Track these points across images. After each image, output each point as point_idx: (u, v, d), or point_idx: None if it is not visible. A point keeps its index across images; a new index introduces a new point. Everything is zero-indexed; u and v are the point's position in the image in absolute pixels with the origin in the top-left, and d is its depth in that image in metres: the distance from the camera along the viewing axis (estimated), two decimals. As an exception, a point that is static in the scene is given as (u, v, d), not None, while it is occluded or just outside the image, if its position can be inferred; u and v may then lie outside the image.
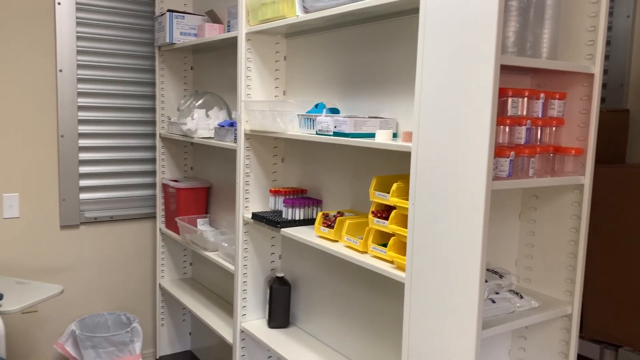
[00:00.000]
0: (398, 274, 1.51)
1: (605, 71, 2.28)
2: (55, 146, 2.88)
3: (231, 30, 2.47)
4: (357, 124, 1.65)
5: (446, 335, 1.37)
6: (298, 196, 2.17)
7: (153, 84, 3.12)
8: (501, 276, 1.55)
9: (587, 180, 1.52)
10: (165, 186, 3.00)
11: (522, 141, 1.43)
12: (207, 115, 2.61)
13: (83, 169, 2.98)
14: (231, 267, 2.33)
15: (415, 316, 1.46)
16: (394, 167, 1.78)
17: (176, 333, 3.22)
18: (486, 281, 1.51)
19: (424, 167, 1.40)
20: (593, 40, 1.49)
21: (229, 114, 2.67)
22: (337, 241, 1.82)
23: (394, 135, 1.74)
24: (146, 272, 3.21)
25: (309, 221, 2.06)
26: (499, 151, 1.37)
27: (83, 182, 2.98)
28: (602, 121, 1.98)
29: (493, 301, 1.47)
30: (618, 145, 2.03)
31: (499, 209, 1.64)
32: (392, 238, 1.58)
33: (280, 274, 2.25)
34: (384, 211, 1.66)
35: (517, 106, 1.43)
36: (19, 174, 2.81)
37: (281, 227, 2.00)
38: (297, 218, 2.05)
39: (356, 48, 1.91)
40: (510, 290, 1.57)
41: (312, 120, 1.84)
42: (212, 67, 2.87)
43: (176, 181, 2.92)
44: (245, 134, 2.20)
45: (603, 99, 2.32)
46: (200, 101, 2.66)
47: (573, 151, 1.50)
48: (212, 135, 2.57)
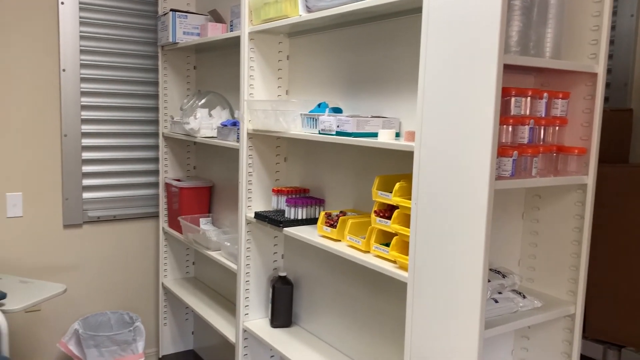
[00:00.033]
0: (400, 274, 1.51)
1: (608, 70, 2.27)
2: (58, 145, 2.89)
3: (234, 29, 2.48)
4: (360, 124, 1.65)
5: (449, 334, 1.37)
6: (300, 195, 2.17)
7: (156, 84, 3.13)
8: (504, 276, 1.55)
9: (591, 180, 1.51)
10: (168, 185, 3.00)
11: (525, 141, 1.43)
12: (210, 114, 2.61)
13: (86, 168, 2.98)
14: (234, 267, 2.33)
15: (417, 316, 1.46)
16: (397, 167, 1.78)
17: (179, 332, 3.22)
18: (489, 281, 1.51)
19: (427, 167, 1.40)
20: (596, 39, 1.49)
21: (232, 114, 2.67)
22: (340, 241, 1.82)
23: (397, 134, 1.74)
24: (149, 271, 3.22)
25: (312, 221, 2.06)
26: (502, 151, 1.36)
27: (86, 182, 2.99)
28: (606, 121, 1.98)
29: (496, 301, 1.47)
30: (621, 144, 2.03)
31: (502, 209, 1.64)
32: (395, 238, 1.58)
33: (282, 274, 2.25)
34: (387, 211, 1.65)
35: (520, 105, 1.43)
36: (22, 173, 2.81)
37: (284, 227, 2.00)
38: (300, 217, 2.06)
39: (359, 47, 1.90)
40: (513, 290, 1.57)
41: (315, 119, 1.84)
42: (215, 67, 2.87)
43: (179, 180, 2.93)
44: (247, 134, 2.20)
45: (606, 99, 2.31)
46: (203, 100, 2.66)
47: (576, 151, 1.49)
48: (215, 134, 2.57)
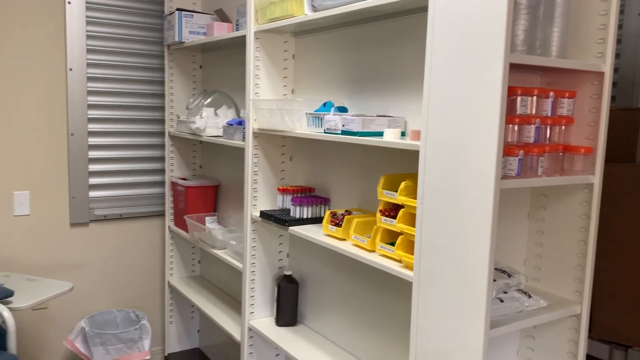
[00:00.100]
0: (406, 273, 1.51)
1: (615, 69, 2.26)
2: (65, 144, 2.90)
3: (240, 29, 2.48)
4: (365, 123, 1.65)
5: (454, 334, 1.37)
6: (306, 195, 2.17)
7: (162, 83, 3.14)
8: (510, 275, 1.54)
9: (597, 179, 1.51)
10: (174, 184, 3.01)
11: (531, 140, 1.43)
12: (216, 113, 2.62)
13: (93, 167, 3.00)
14: (239, 265, 2.34)
15: (423, 315, 1.46)
16: (402, 166, 1.78)
17: (184, 330, 3.23)
18: (494, 280, 1.51)
19: (432, 166, 1.40)
20: (603, 38, 1.48)
21: (238, 113, 2.67)
22: (345, 240, 1.82)
23: (402, 133, 1.74)
24: (155, 270, 3.23)
25: (317, 220, 2.07)
26: (508, 150, 1.36)
27: (93, 180, 3.00)
28: (612, 120, 1.97)
29: (501, 300, 1.47)
30: (628, 144, 2.02)
31: (508, 208, 1.64)
32: (400, 237, 1.58)
33: (288, 272, 2.26)
34: (392, 210, 1.65)
35: (526, 105, 1.43)
36: (29, 172, 2.83)
37: (289, 226, 2.00)
38: (305, 216, 2.06)
39: (364, 47, 1.90)
40: (518, 289, 1.56)
41: (320, 118, 1.85)
42: (221, 66, 2.87)
43: (185, 179, 2.93)
44: (253, 133, 2.21)
45: (613, 98, 2.30)
46: (209, 100, 2.67)
47: (583, 150, 1.49)
48: (221, 133, 2.58)
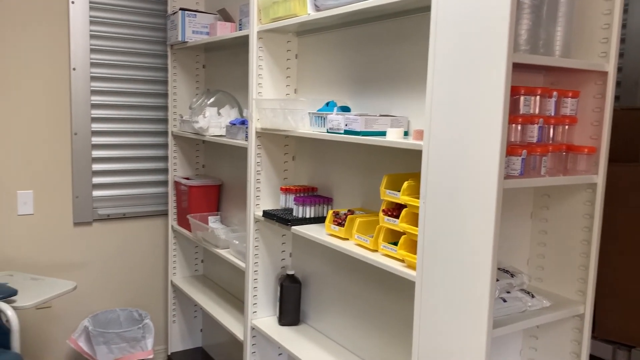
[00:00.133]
0: (409, 273, 1.51)
1: (619, 69, 2.26)
2: (68, 144, 2.91)
3: (243, 28, 2.48)
4: (368, 122, 1.65)
5: (457, 334, 1.37)
6: (309, 194, 2.17)
7: (165, 82, 3.14)
8: (512, 275, 1.54)
9: (600, 179, 1.51)
10: (177, 184, 3.02)
11: (534, 140, 1.42)
12: (219, 113, 2.62)
13: (96, 167, 3.00)
14: (242, 265, 2.34)
15: (425, 315, 1.46)
16: (405, 166, 1.78)
17: (187, 330, 3.24)
18: (497, 280, 1.51)
19: (435, 166, 1.40)
20: (607, 37, 1.48)
21: (241, 112, 2.67)
22: (348, 239, 1.82)
23: (405, 133, 1.74)
24: (158, 269, 3.23)
25: (320, 219, 2.07)
26: (511, 150, 1.36)
27: (96, 180, 3.01)
28: (616, 119, 1.96)
29: (504, 300, 1.47)
30: (632, 143, 2.01)
31: (511, 208, 1.63)
32: (403, 236, 1.58)
33: (290, 272, 2.26)
34: (395, 209, 1.65)
35: (530, 104, 1.42)
36: (33, 171, 2.84)
37: (292, 225, 2.00)
38: (308, 216, 2.06)
39: (367, 46, 1.90)
40: (521, 289, 1.56)
41: (323, 118, 1.85)
42: (224, 66, 2.88)
43: (188, 179, 2.94)
44: (256, 132, 2.21)
45: (617, 97, 2.30)
46: (212, 99, 2.67)
47: (586, 150, 1.48)
48: (224, 133, 2.58)
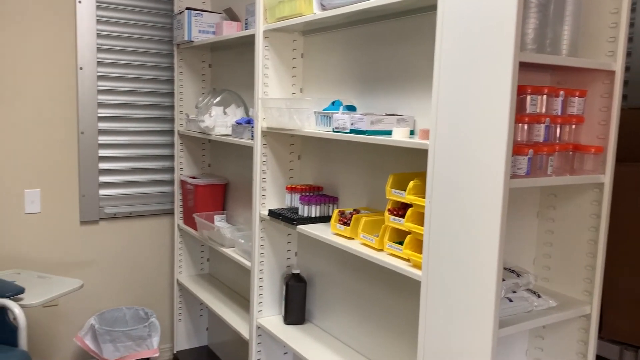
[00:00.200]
0: (414, 272, 1.50)
1: (627, 68, 2.25)
2: (75, 143, 2.92)
3: (249, 28, 2.48)
4: (374, 122, 1.65)
5: (462, 334, 1.37)
6: (314, 193, 2.17)
7: (172, 82, 3.15)
8: (519, 275, 1.54)
9: (607, 178, 1.50)
10: (183, 183, 3.03)
11: (541, 139, 1.42)
12: (225, 112, 2.62)
13: (103, 166, 3.01)
14: (248, 264, 2.34)
15: (431, 314, 1.45)
16: (411, 165, 1.78)
17: (193, 328, 3.25)
18: (503, 280, 1.50)
19: (441, 165, 1.40)
20: (614, 37, 1.47)
21: (246, 112, 2.68)
22: (353, 239, 1.82)
23: (411, 132, 1.74)
24: (164, 268, 3.24)
25: (325, 218, 2.07)
26: (517, 149, 1.35)
27: (103, 179, 3.02)
28: (623, 119, 1.95)
29: (510, 300, 1.46)
30: (639, 143, 2.00)
31: (517, 208, 1.63)
32: (409, 236, 1.57)
33: (296, 271, 2.26)
34: (400, 209, 1.65)
35: (536, 104, 1.42)
36: (40, 170, 2.85)
37: (297, 224, 2.00)
38: (313, 215, 2.06)
39: (373, 45, 1.90)
40: (527, 289, 1.56)
41: (329, 117, 1.85)
42: (230, 65, 2.88)
43: (194, 178, 2.94)
44: (262, 131, 2.21)
45: (624, 97, 2.28)
46: (218, 98, 2.67)
47: (593, 149, 1.48)
48: (230, 132, 2.58)
